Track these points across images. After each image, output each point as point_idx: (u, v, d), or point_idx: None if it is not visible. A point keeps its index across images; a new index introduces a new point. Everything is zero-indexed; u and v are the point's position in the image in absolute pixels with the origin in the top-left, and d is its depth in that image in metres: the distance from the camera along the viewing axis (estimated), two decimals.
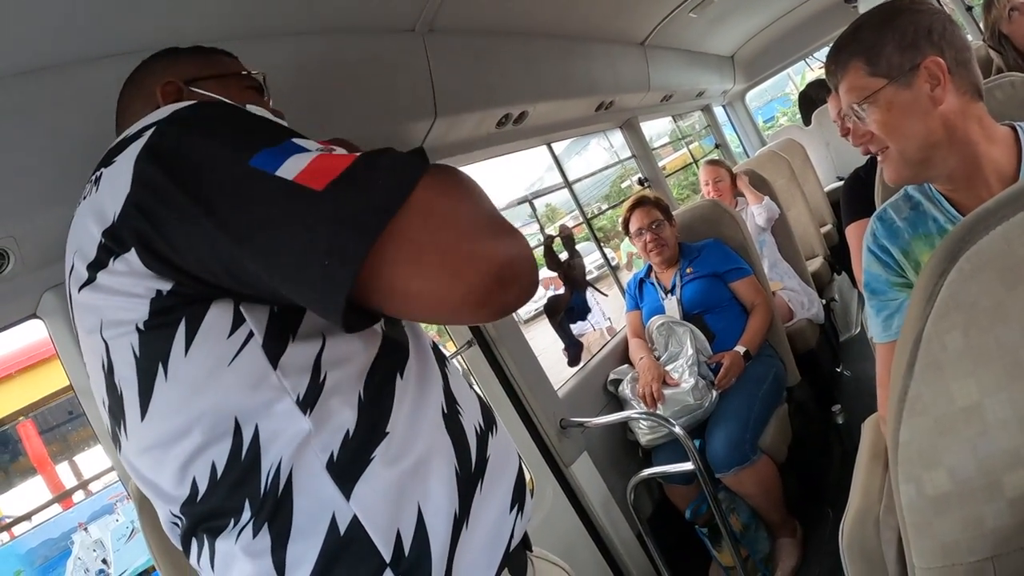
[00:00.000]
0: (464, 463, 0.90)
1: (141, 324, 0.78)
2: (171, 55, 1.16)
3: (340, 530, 0.80)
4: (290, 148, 0.75)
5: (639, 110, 4.49)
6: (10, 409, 6.07)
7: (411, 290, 0.71)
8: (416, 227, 0.70)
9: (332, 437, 0.80)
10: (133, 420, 0.83)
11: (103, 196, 0.80)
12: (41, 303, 1.63)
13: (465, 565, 0.85)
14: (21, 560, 5.51)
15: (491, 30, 2.70)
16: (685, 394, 2.79)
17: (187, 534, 0.87)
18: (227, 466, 0.80)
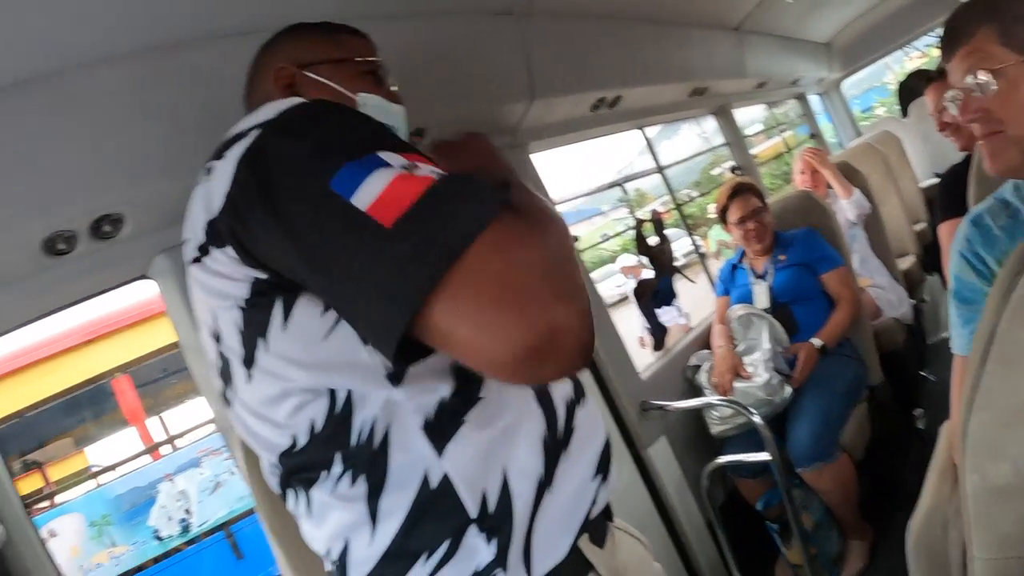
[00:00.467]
0: (552, 431, 0.93)
1: (243, 302, 0.85)
2: (294, 33, 1.21)
3: (431, 485, 0.85)
4: (372, 164, 0.76)
5: (733, 96, 4.43)
6: (108, 365, 6.40)
7: (455, 337, 0.72)
8: (472, 277, 0.71)
9: (426, 402, 0.86)
10: (240, 382, 0.90)
11: (212, 187, 0.86)
12: (153, 265, 1.75)
13: (546, 526, 0.89)
14: (109, 505, 5.82)
15: (587, 13, 2.72)
16: (756, 388, 2.77)
17: (283, 482, 0.95)
18: (324, 424, 0.86)
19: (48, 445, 6.42)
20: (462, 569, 0.86)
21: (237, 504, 5.95)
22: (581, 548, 0.93)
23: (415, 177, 0.74)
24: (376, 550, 0.88)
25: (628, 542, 1.08)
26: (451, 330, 0.71)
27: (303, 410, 0.86)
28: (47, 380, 5.96)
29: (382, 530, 0.87)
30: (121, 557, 5.74)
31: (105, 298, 1.85)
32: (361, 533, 0.88)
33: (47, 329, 6.04)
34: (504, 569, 0.86)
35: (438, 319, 0.71)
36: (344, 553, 0.91)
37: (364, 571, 0.89)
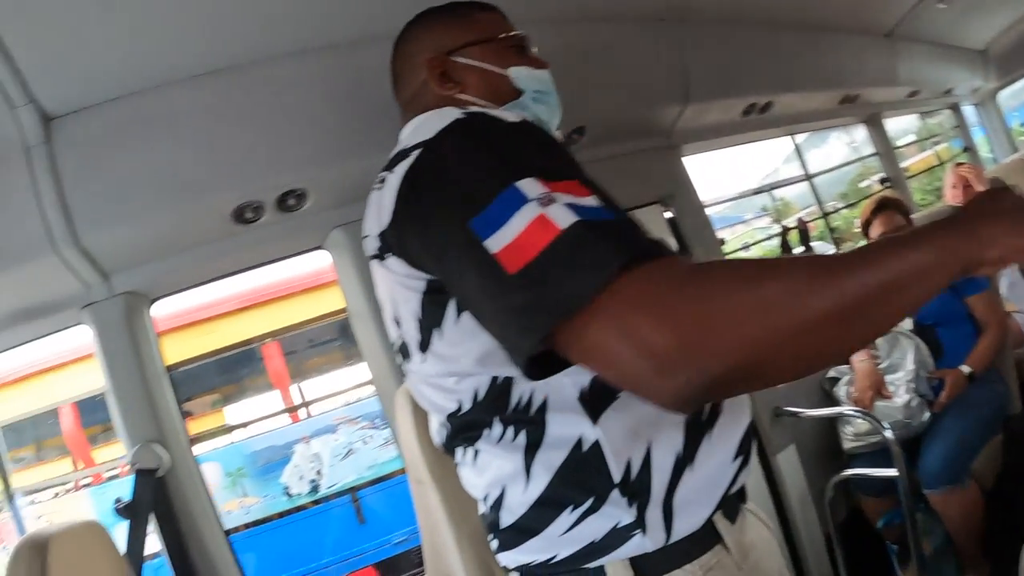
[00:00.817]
0: (698, 412, 1.00)
1: (420, 296, 0.97)
2: (430, 22, 1.26)
3: (583, 448, 0.94)
4: (508, 205, 0.79)
5: (883, 105, 4.28)
6: (260, 330, 6.87)
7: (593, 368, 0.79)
8: (577, 337, 0.74)
9: (580, 379, 0.94)
10: (416, 359, 1.03)
11: (384, 197, 0.97)
12: (329, 237, 1.96)
13: (684, 498, 0.96)
14: (245, 459, 6.23)
15: (739, 18, 2.73)
16: (895, 410, 2.71)
17: (451, 440, 1.08)
18: (486, 393, 0.97)
19: (195, 399, 6.89)
20: (604, 524, 0.95)
21: (366, 472, 6.24)
22: (715, 522, 1.00)
23: (550, 222, 0.76)
24: (529, 497, 0.98)
25: (757, 525, 1.13)
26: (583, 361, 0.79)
27: (467, 380, 0.98)
28: (204, 340, 6.42)
29: (535, 481, 0.97)
30: (251, 508, 6.14)
31: (258, 272, 2.07)
32: (517, 482, 0.99)
33: (209, 294, 6.53)
34: (643, 532, 0.95)
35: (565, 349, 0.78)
36: (500, 498, 1.02)
37: (517, 515, 1.00)
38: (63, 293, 1.79)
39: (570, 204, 0.77)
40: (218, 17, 1.64)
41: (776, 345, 0.70)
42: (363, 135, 1.72)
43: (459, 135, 0.92)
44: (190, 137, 1.70)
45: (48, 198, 1.60)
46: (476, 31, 1.23)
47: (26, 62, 1.50)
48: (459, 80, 1.19)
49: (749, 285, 0.72)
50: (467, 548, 1.30)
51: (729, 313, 0.70)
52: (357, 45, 1.48)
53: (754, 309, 0.70)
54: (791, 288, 0.71)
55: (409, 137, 1.01)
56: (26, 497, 6.47)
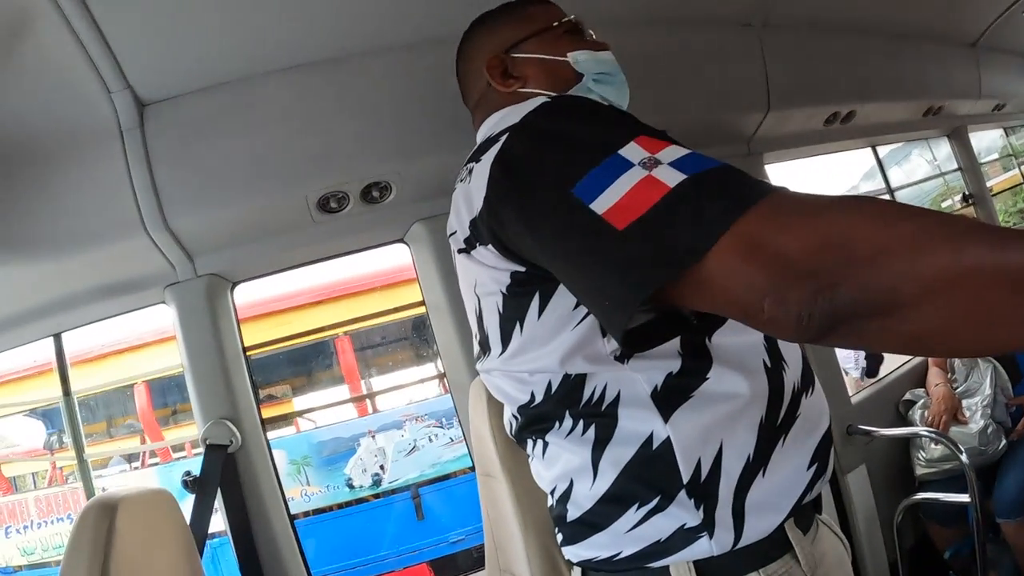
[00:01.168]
0: (773, 415, 0.98)
1: (504, 290, 0.99)
2: (485, 26, 1.32)
3: (652, 445, 0.95)
4: (611, 170, 0.80)
5: (968, 119, 4.14)
6: (334, 327, 7.05)
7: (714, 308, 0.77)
8: (693, 286, 0.74)
9: (655, 375, 0.95)
10: (495, 352, 1.06)
11: (472, 188, 1.00)
12: (410, 231, 2.00)
13: (756, 503, 0.95)
14: (311, 448, 6.40)
15: (823, 26, 2.68)
16: (971, 436, 2.65)
17: (522, 430, 1.10)
18: (559, 386, 0.99)
19: (266, 388, 7.08)
20: (670, 524, 0.95)
21: (429, 469, 6.34)
22: (786, 530, 0.98)
23: (657, 181, 0.76)
24: (595, 492, 0.99)
25: (830, 537, 1.11)
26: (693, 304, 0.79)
27: (542, 373, 1.00)
28: (278, 331, 6.62)
29: (603, 476, 0.98)
30: (312, 496, 6.28)
31: (332, 267, 2.12)
32: (584, 476, 0.99)
33: (285, 286, 6.74)
34: (710, 535, 0.94)
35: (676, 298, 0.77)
36: (567, 492, 1.03)
37: (583, 509, 1.01)
38: (149, 272, 1.86)
39: (674, 162, 0.78)
40: (312, 11, 1.69)
41: (900, 280, 0.63)
42: (448, 131, 1.74)
43: (549, 113, 0.95)
44: (279, 127, 1.76)
45: (140, 180, 1.67)
46: (530, 25, 1.27)
47: (123, 49, 1.56)
48: (520, 75, 1.23)
49: (872, 216, 0.67)
50: (533, 539, 1.31)
51: (849, 236, 0.65)
52: (446, 42, 1.50)
53: (878, 236, 0.65)
54: (926, 227, 0.63)
55: (494, 127, 1.06)
56: (93, 472, 6.73)
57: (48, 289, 1.84)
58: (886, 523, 2.58)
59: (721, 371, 0.96)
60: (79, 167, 1.67)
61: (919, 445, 2.75)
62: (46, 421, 7.93)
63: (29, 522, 6.73)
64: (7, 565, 6.63)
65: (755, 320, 0.71)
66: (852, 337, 0.68)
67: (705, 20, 2.31)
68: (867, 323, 0.65)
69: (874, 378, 2.86)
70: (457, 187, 1.08)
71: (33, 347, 2.13)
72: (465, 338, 1.91)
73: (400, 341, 7.64)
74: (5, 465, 7.73)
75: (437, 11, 1.77)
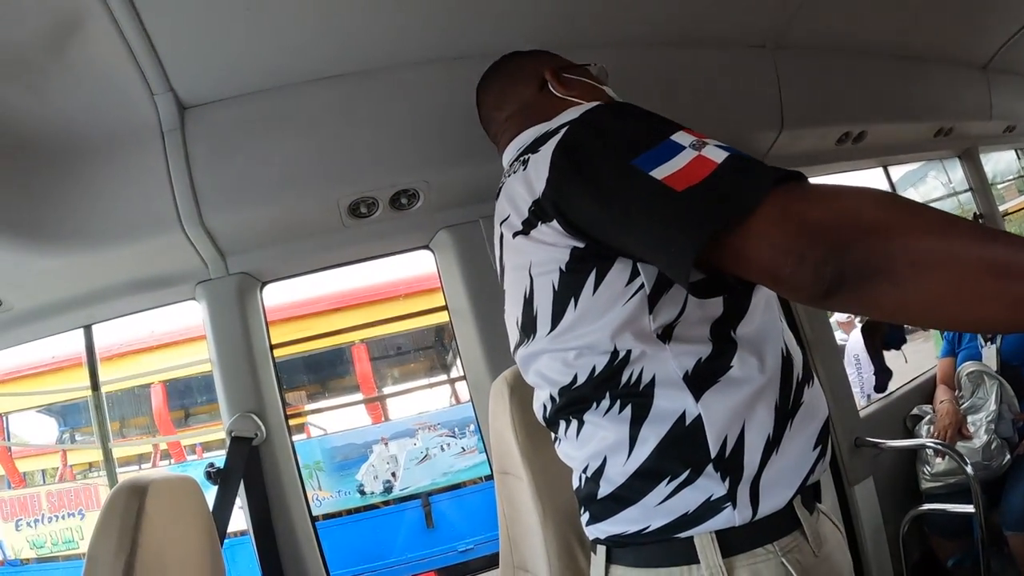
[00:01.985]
0: (784, 399, 1.07)
1: (563, 267, 1.06)
2: (533, 51, 1.48)
3: (685, 422, 1.02)
4: (666, 150, 0.93)
5: (979, 139, 4.17)
6: (353, 333, 7.13)
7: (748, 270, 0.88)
8: (743, 238, 0.84)
9: (687, 360, 1.03)
10: (542, 333, 1.12)
11: (530, 174, 1.09)
12: (435, 238, 2.07)
13: (771, 479, 1.03)
14: (324, 454, 6.44)
15: (836, 47, 2.72)
16: (975, 451, 2.68)
17: (557, 413, 1.16)
18: (603, 369, 1.06)
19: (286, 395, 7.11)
20: (698, 496, 1.02)
21: (440, 478, 6.38)
22: (795, 507, 1.06)
23: (707, 158, 0.90)
24: (629, 468, 1.05)
25: (829, 524, 1.17)
26: (739, 270, 0.89)
27: (587, 356, 1.07)
28: (296, 336, 6.67)
29: (637, 452, 1.05)
30: (323, 501, 6.31)
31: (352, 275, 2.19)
32: (619, 452, 1.06)
33: (304, 291, 6.81)
34: (734, 506, 1.01)
35: (722, 259, 0.88)
36: (600, 469, 1.09)
37: (615, 484, 1.07)
38: (182, 269, 1.92)
39: (719, 145, 0.92)
40: (351, 25, 1.76)
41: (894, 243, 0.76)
42: (476, 143, 1.80)
43: (607, 109, 1.08)
44: (315, 133, 1.83)
45: (179, 179, 1.74)
46: (568, 61, 1.46)
47: (168, 54, 1.63)
48: (573, 88, 1.35)
49: (879, 201, 0.80)
50: (552, 529, 1.38)
51: (859, 212, 0.79)
52: (478, 58, 1.57)
53: (878, 209, 0.79)
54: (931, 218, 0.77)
55: (548, 126, 1.16)
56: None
57: (83, 280, 1.90)
58: (892, 535, 2.60)
59: (744, 358, 1.05)
60: (120, 164, 1.74)
61: (924, 459, 2.79)
62: (60, 419, 7.99)
63: (40, 516, 6.79)
64: (15, 557, 6.68)
65: (779, 279, 0.83)
66: (855, 297, 0.79)
67: (720, 41, 2.38)
68: (867, 285, 0.77)
69: (882, 393, 2.88)
70: (509, 179, 1.18)
71: (52, 343, 2.18)
72: (487, 342, 1.98)
73: (415, 352, 7.69)
74: (18, 460, 7.79)
75: (469, 30, 1.86)
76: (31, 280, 1.83)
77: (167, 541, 1.40)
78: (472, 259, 2.03)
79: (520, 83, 1.42)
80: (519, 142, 1.29)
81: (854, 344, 4.86)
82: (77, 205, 1.72)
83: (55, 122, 1.66)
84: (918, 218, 0.77)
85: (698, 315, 1.05)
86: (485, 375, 1.98)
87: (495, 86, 1.48)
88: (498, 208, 1.23)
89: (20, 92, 1.57)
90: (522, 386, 1.40)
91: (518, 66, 1.46)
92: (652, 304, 1.03)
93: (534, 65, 1.42)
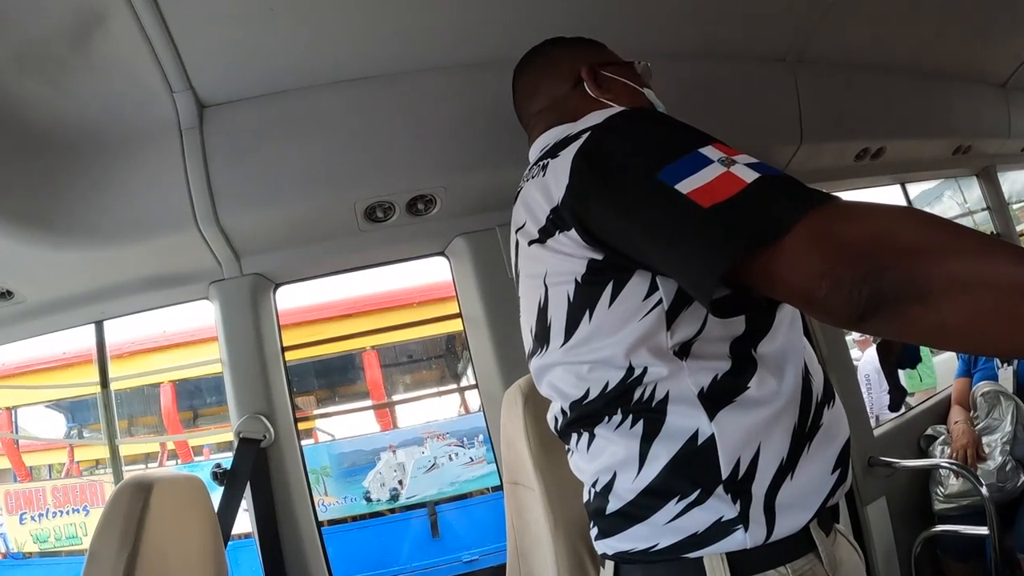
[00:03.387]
0: (803, 423, 1.04)
1: (579, 278, 1.04)
2: (575, 40, 1.42)
3: (697, 441, 0.99)
4: (693, 163, 0.90)
5: (997, 158, 4.14)
6: (362, 340, 7.15)
7: (778, 291, 0.86)
8: (774, 260, 0.81)
9: (703, 377, 1.00)
10: (555, 344, 1.10)
11: (549, 180, 1.07)
12: (451, 245, 2.06)
13: (786, 501, 0.99)
14: (332, 459, 6.45)
15: (855, 63, 2.70)
16: (989, 472, 2.65)
17: (569, 425, 1.14)
18: (616, 385, 1.03)
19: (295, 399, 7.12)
20: (708, 516, 0.99)
21: (447, 487, 6.37)
22: (811, 530, 1.02)
23: (736, 176, 0.86)
24: (638, 484, 1.03)
25: (846, 545, 1.14)
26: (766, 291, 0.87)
27: (600, 371, 1.04)
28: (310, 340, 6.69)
29: (647, 470, 1.02)
30: (329, 506, 6.30)
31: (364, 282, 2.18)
32: (629, 468, 1.04)
33: (316, 297, 6.83)
34: (745, 528, 0.98)
35: (749, 279, 0.85)
36: (610, 484, 1.06)
37: (624, 500, 1.05)
38: (196, 268, 1.92)
39: (749, 164, 0.88)
40: (374, 27, 1.75)
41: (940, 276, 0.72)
42: (495, 151, 1.82)
43: (633, 115, 1.05)
44: (333, 136, 1.82)
45: (196, 178, 1.73)
46: (613, 54, 1.42)
47: (189, 52, 1.63)
48: (608, 90, 1.31)
49: (918, 221, 0.77)
50: (562, 540, 1.36)
51: (897, 233, 0.76)
52: (498, 65, 1.56)
53: (917, 233, 0.76)
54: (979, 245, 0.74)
55: (572, 128, 1.13)
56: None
57: (96, 276, 1.90)
58: (904, 557, 2.56)
59: (763, 377, 1.01)
60: (137, 161, 1.73)
61: (938, 480, 2.75)
62: (68, 414, 8.02)
63: (45, 510, 6.81)
64: (19, 550, 6.69)
65: (812, 301, 0.80)
66: (890, 321, 0.76)
67: (741, 54, 2.37)
68: (904, 308, 0.74)
69: (896, 412, 2.85)
70: (527, 184, 1.15)
71: (63, 339, 2.19)
72: (500, 351, 1.96)
73: (426, 360, 7.69)
74: (25, 454, 7.82)
75: (492, 36, 1.85)
76: (45, 273, 1.83)
77: (170, 540, 1.40)
78: (488, 267, 2.01)
79: (555, 77, 1.37)
80: (543, 142, 1.27)
81: (865, 363, 4.83)
82: (93, 200, 1.71)
83: (74, 117, 1.66)
84: (957, 240, 0.74)
85: (718, 332, 1.02)
86: (498, 385, 1.96)
87: (530, 76, 1.43)
88: (515, 214, 1.21)
89: (41, 86, 1.57)
90: (536, 395, 1.37)
91: (555, 58, 1.40)
92: (670, 321, 1.01)
93: (572, 59, 1.37)
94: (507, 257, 1.93)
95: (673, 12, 2.05)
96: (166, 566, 1.35)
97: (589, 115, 1.14)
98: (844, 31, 2.47)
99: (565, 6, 1.83)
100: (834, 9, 2.30)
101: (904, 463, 2.57)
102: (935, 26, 2.81)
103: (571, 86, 1.33)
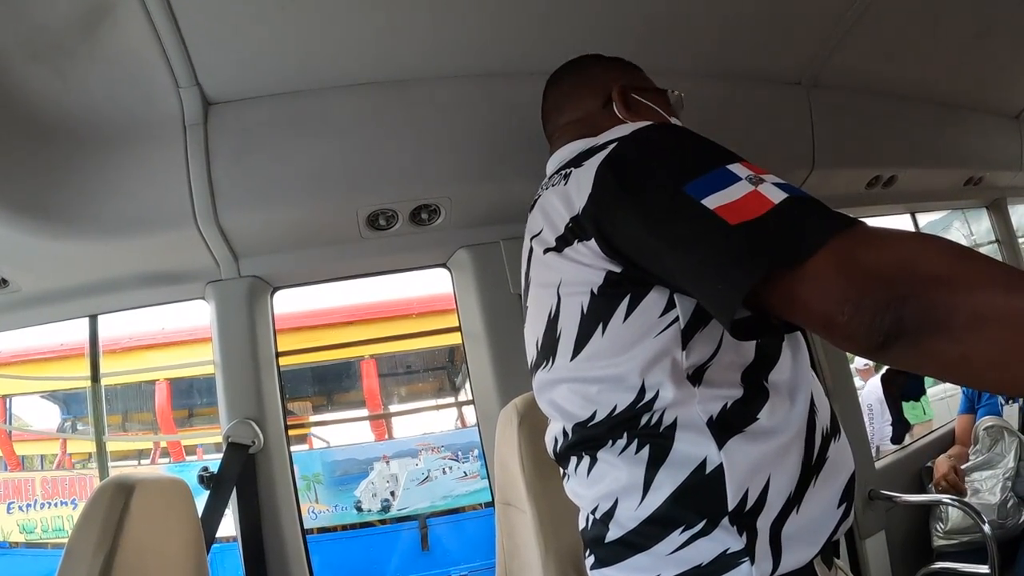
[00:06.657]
0: (810, 455, 1.01)
1: (595, 289, 1.01)
2: (614, 60, 1.41)
3: (705, 470, 0.96)
4: (720, 179, 0.88)
5: (1008, 191, 4.12)
6: (361, 348, 7.13)
7: (799, 315, 0.82)
8: (798, 283, 0.79)
9: (714, 405, 0.97)
10: (563, 358, 1.06)
11: (571, 189, 1.04)
12: (454, 257, 2.02)
13: (793, 535, 0.96)
14: (324, 467, 6.43)
15: (869, 89, 2.68)
16: (990, 508, 2.59)
17: (569, 448, 1.10)
18: (625, 409, 1.00)
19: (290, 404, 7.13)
20: (713, 548, 0.95)
21: (439, 501, 6.33)
22: (815, 564, 0.99)
23: (764, 196, 0.84)
24: (641, 513, 0.99)
25: None
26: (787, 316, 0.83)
27: (610, 392, 1.01)
28: (304, 347, 6.67)
29: (651, 498, 0.98)
30: (319, 514, 6.26)
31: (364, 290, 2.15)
32: (632, 495, 1.00)
33: (315, 302, 6.83)
34: (752, 561, 0.94)
35: (771, 302, 0.83)
36: (611, 511, 1.03)
37: (625, 529, 1.01)
38: (193, 267, 1.89)
39: (777, 184, 0.87)
40: (387, 32, 1.73)
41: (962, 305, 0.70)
42: (502, 163, 1.80)
43: (660, 129, 1.03)
44: (339, 140, 1.79)
45: (197, 175, 1.71)
46: (648, 80, 1.42)
47: (196, 48, 1.61)
48: (636, 113, 1.29)
49: (942, 250, 0.75)
50: (552, 565, 1.32)
51: (921, 262, 0.73)
52: (511, 77, 1.55)
53: (940, 262, 0.73)
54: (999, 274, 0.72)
55: (597, 140, 1.10)
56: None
57: (92, 269, 1.87)
58: None
59: (774, 407, 0.99)
60: (139, 155, 1.70)
61: (938, 516, 2.71)
62: (63, 406, 8.01)
63: (33, 501, 6.79)
64: (4, 540, 6.66)
65: (832, 327, 0.77)
66: (911, 352, 0.73)
67: (756, 76, 2.34)
68: (926, 339, 0.72)
69: (898, 445, 2.81)
70: (546, 191, 1.13)
71: (61, 331, 2.16)
72: (499, 368, 1.93)
73: (424, 371, 7.68)
74: (17, 443, 7.80)
75: (506, 48, 1.82)
76: (41, 263, 1.80)
77: (150, 542, 1.37)
78: (490, 281, 1.98)
79: (586, 94, 1.36)
80: (563, 153, 1.24)
81: (868, 393, 4.79)
82: (93, 192, 1.69)
83: (79, 107, 1.63)
84: (984, 271, 0.72)
85: (730, 358, 1.00)
86: (494, 402, 1.93)
87: (563, 87, 1.42)
88: (530, 221, 1.19)
89: (47, 75, 1.55)
90: (532, 415, 1.34)
91: (591, 75, 1.39)
92: (685, 340, 0.98)
93: (607, 78, 1.36)
94: (510, 272, 1.90)
95: (689, 32, 2.03)
96: (144, 568, 1.33)
97: (613, 128, 1.12)
98: (860, 57, 2.44)
99: (580, 22, 1.80)
100: (852, 35, 2.28)
101: (905, 498, 2.53)
102: (950, 56, 2.78)
103: (601, 104, 1.33)
